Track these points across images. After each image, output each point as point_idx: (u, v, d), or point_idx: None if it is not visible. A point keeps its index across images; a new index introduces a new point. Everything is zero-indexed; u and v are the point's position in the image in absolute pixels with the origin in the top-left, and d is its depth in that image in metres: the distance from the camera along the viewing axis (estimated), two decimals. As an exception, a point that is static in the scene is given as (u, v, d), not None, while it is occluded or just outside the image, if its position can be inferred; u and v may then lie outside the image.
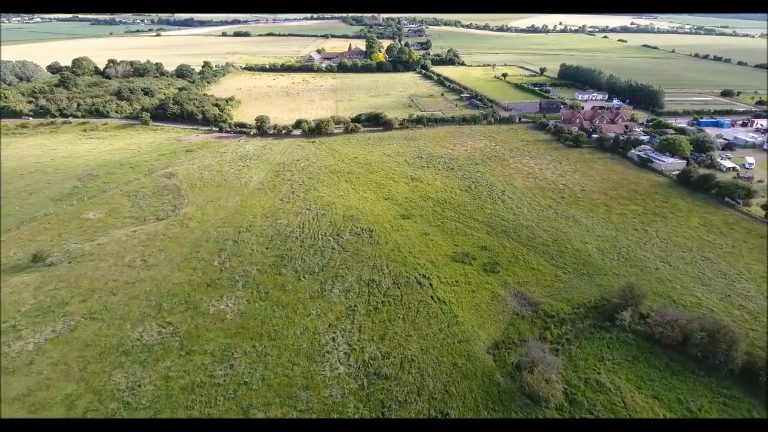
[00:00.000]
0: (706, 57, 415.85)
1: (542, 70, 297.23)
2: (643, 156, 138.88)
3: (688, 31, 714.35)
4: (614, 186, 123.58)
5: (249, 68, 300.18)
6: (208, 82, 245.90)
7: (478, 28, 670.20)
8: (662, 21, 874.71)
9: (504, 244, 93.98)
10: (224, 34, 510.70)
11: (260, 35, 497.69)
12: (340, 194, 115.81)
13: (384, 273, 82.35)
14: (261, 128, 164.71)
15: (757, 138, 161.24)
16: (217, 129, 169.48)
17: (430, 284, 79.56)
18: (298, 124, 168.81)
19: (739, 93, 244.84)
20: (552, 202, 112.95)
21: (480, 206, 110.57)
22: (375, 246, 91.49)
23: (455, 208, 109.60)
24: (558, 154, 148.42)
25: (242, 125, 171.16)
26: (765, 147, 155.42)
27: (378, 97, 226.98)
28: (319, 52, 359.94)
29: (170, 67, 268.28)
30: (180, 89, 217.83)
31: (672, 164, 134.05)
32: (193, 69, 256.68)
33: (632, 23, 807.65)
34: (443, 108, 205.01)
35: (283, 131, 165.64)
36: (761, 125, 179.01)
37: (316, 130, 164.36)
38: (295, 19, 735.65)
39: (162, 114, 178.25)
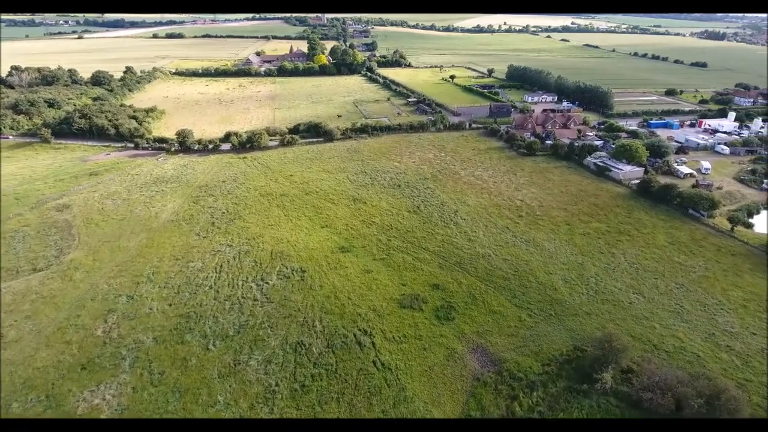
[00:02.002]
0: (644, 56, 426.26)
1: (490, 72, 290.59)
2: (600, 164, 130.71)
3: (625, 30, 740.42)
4: (574, 200, 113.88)
5: (179, 73, 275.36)
6: (129, 90, 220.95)
7: (424, 28, 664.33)
8: (600, 21, 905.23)
9: (459, 280, 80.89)
10: (155, 36, 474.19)
11: (195, 37, 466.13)
12: (269, 223, 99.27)
13: (316, 331, 66.99)
14: (184, 143, 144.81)
15: (708, 140, 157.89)
16: (133, 146, 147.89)
17: (373, 343, 64.98)
18: (227, 137, 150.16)
19: (681, 92, 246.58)
20: (510, 223, 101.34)
21: (431, 231, 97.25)
22: (307, 292, 75.95)
23: (403, 235, 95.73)
24: (512, 164, 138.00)
25: (163, 140, 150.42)
26: (716, 149, 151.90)
27: (320, 104, 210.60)
28: (258, 54, 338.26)
29: (88, 73, 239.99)
30: (94, 99, 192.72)
31: (630, 172, 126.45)
32: (112, 76, 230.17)
33: (573, 23, 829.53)
34: (389, 114, 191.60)
35: (210, 146, 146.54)
36: (709, 126, 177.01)
37: (248, 144, 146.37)
38: (234, 20, 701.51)
39: (67, 130, 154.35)
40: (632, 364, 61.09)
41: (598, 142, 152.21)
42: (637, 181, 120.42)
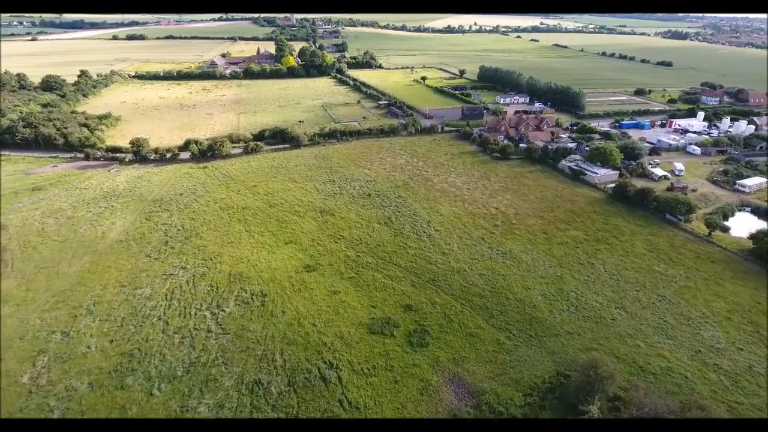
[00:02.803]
0: (612, 55, 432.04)
1: (462, 72, 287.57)
2: (575, 168, 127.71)
3: (593, 30, 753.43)
4: (550, 206, 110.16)
5: (139, 77, 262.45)
6: (84, 96, 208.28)
7: (395, 28, 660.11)
8: (568, 21, 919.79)
9: (433, 299, 75.49)
10: (115, 38, 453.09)
11: (158, 38, 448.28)
12: (229, 240, 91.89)
13: (276, 366, 60.41)
14: (139, 153, 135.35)
15: (679, 140, 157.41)
16: (83, 156, 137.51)
17: (339, 378, 58.81)
18: (186, 145, 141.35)
19: (650, 91, 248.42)
20: (485, 233, 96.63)
21: (402, 245, 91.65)
22: (267, 320, 69.24)
23: (373, 249, 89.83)
24: (486, 169, 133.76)
25: (116, 150, 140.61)
26: (687, 149, 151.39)
27: (287, 107, 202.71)
28: (223, 56, 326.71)
29: (39, 78, 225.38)
30: (44, 106, 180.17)
31: (605, 176, 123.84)
32: (65, 80, 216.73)
33: (542, 23, 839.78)
34: (360, 117, 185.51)
35: (168, 155, 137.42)
36: (679, 126, 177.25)
37: (209, 152, 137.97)
38: (200, 21, 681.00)
39: (10, 140, 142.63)
40: (619, 390, 56.70)
41: (572, 145, 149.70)
42: (613, 185, 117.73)
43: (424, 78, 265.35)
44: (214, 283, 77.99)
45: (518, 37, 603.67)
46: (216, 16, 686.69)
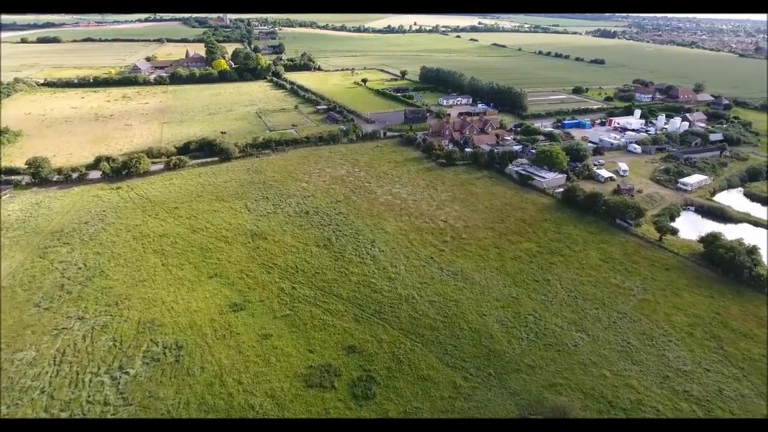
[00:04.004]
0: (548, 54, 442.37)
1: (403, 74, 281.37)
2: (523, 173, 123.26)
3: (528, 29, 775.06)
4: (500, 215, 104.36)
5: (50, 84, 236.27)
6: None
7: (335, 29, 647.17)
8: (504, 20, 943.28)
9: (379, 336, 66.56)
10: (24, 41, 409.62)
11: (74, 41, 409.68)
12: (141, 278, 78.68)
13: (190, 445, 49.07)
14: (38, 174, 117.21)
15: (620, 139, 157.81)
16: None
17: (269, 454, 48.41)
18: (97, 162, 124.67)
19: (587, 89, 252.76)
20: (434, 252, 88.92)
21: (344, 271, 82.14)
22: (182, 382, 57.58)
23: (310, 279, 79.73)
24: (432, 176, 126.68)
25: (12, 171, 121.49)
26: (628, 148, 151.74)
27: (218, 115, 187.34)
28: (148, 60, 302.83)
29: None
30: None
31: (553, 180, 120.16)
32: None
33: (480, 23, 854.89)
34: (297, 124, 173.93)
35: (75, 175, 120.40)
36: (618, 124, 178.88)
37: (124, 170, 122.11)
38: (124, 21, 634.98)
39: None
40: (590, 436, 50.02)
41: (517, 147, 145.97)
42: (561, 190, 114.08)
43: (365, 80, 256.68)
44: (118, 336, 65.04)
45: (458, 36, 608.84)
46: (143, 16, 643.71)
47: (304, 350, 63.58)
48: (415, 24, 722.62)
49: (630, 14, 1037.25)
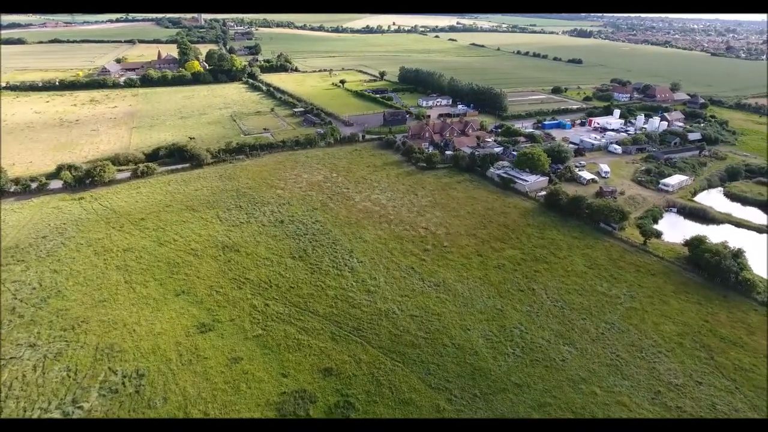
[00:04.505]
0: (526, 54, 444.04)
1: (382, 75, 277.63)
2: (504, 176, 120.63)
3: (506, 29, 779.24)
4: (482, 221, 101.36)
5: (12, 88, 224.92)
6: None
7: (312, 29, 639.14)
8: (483, 20, 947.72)
9: (358, 356, 62.56)
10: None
11: (41, 42, 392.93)
12: (101, 298, 73.10)
13: (147, 491, 44.33)
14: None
15: (600, 139, 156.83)
16: None
17: (236, 498, 44.00)
18: (58, 171, 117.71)
19: (566, 89, 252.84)
20: (415, 261, 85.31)
21: (320, 284, 77.90)
22: (142, 415, 52.65)
23: (285, 294, 75.28)
24: (412, 181, 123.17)
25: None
26: (609, 149, 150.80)
27: (190, 119, 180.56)
28: (118, 62, 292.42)
29: None
30: None
31: (535, 183, 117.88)
32: None
33: (458, 23, 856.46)
34: (273, 128, 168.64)
35: (34, 185, 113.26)
36: (598, 124, 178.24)
37: (88, 179, 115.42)
38: (95, 22, 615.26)
39: None
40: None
41: (498, 149, 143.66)
42: (544, 193, 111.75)
43: (343, 81, 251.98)
44: (73, 364, 59.62)
45: (436, 36, 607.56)
46: (114, 16, 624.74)
47: (277, 374, 59.18)
48: (393, 24, 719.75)
49: (605, 14, 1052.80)
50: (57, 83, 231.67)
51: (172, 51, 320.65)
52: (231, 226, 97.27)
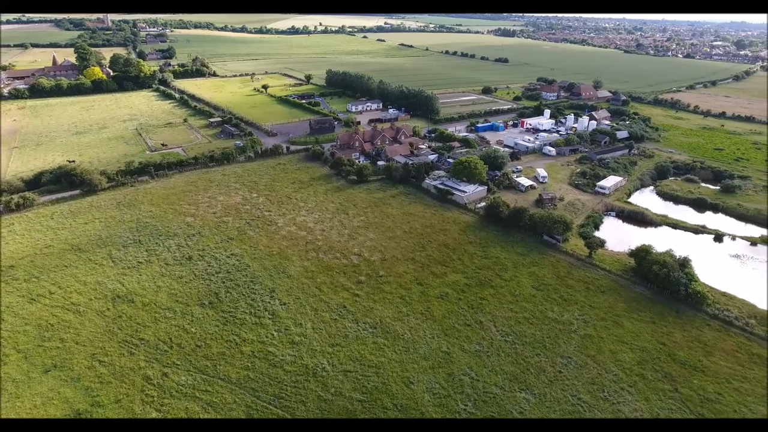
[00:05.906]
0: (455, 54, 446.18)
1: (308, 78, 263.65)
2: (441, 187, 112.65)
3: (433, 29, 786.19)
4: (420, 241, 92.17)
5: None
6: None
7: (234, 30, 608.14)
8: (410, 20, 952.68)
9: (279, 436, 50.35)
10: None
11: None
12: (-64, 387, 55.61)
13: None
14: None
15: (534, 142, 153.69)
16: None
17: None
18: None
19: (496, 89, 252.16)
20: (347, 297, 74.27)
21: (234, 339, 64.81)
22: None
23: (189, 356, 61.49)
24: (342, 197, 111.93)
25: None
26: (543, 151, 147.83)
27: (88, 135, 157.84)
28: (4, 69, 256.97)
29: None
30: None
31: (474, 194, 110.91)
32: None
33: (386, 23, 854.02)
34: (186, 142, 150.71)
35: None
36: (530, 125, 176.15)
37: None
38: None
39: None
40: None
41: (433, 156, 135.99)
42: (483, 204, 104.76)
43: (265, 86, 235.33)
44: None
45: (365, 37, 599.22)
46: (5, 17, 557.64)
47: (173, 478, 45.80)
48: (320, 25, 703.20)
49: (525, 14, 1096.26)
50: None
51: (71, 56, 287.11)
52: (126, 268, 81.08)
